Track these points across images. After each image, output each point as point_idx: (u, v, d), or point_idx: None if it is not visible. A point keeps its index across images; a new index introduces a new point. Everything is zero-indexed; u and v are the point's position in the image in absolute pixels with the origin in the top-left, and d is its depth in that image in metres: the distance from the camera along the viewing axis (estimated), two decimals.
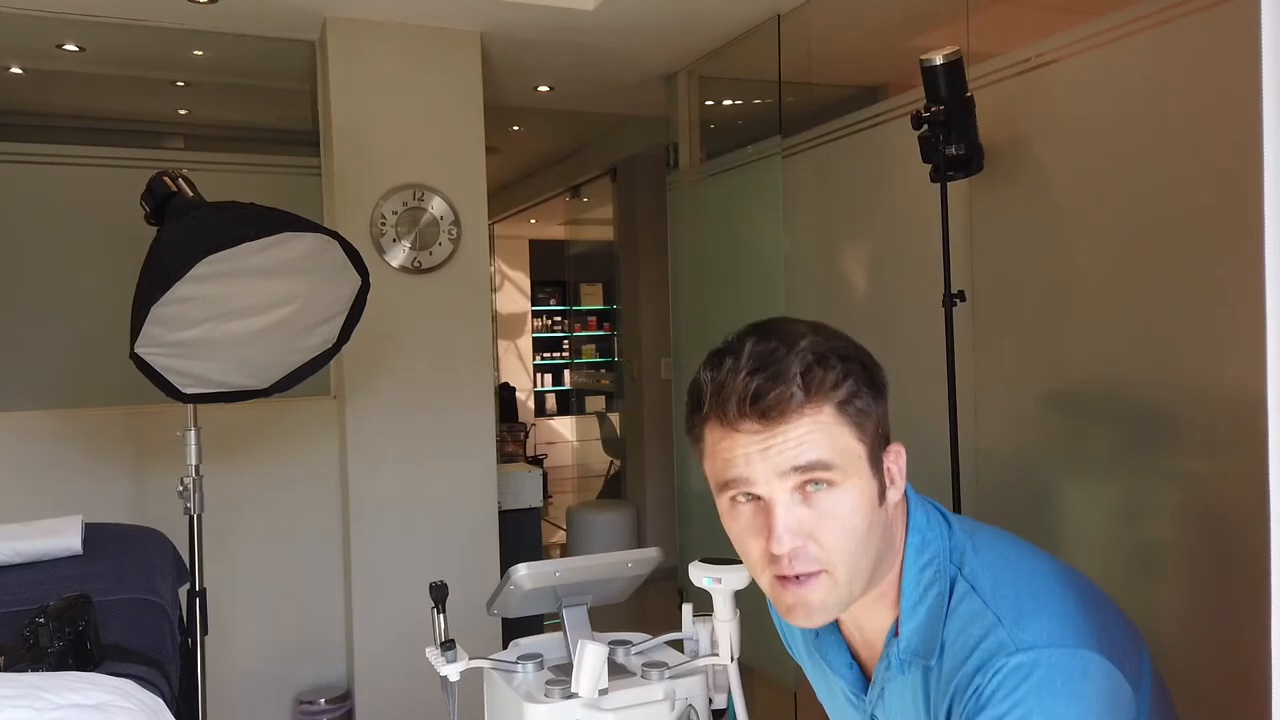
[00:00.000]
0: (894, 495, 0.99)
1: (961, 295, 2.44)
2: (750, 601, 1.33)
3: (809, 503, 0.93)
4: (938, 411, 2.47)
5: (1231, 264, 1.99)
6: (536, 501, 4.24)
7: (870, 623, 1.05)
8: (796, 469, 0.92)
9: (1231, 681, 1.96)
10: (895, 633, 1.02)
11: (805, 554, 0.93)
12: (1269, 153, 0.48)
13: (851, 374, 0.94)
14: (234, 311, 2.20)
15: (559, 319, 9.82)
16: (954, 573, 0.97)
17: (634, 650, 1.51)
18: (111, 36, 3.50)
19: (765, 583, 0.99)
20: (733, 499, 0.98)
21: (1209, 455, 2.08)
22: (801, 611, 0.96)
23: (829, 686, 1.22)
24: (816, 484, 0.92)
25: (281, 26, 3.47)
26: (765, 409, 0.91)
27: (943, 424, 2.43)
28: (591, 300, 9.49)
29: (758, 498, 0.95)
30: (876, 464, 0.96)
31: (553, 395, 9.80)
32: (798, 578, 0.94)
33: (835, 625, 1.13)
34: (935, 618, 0.97)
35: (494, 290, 8.59)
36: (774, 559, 0.94)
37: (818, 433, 0.92)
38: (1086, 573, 1.06)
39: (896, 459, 0.98)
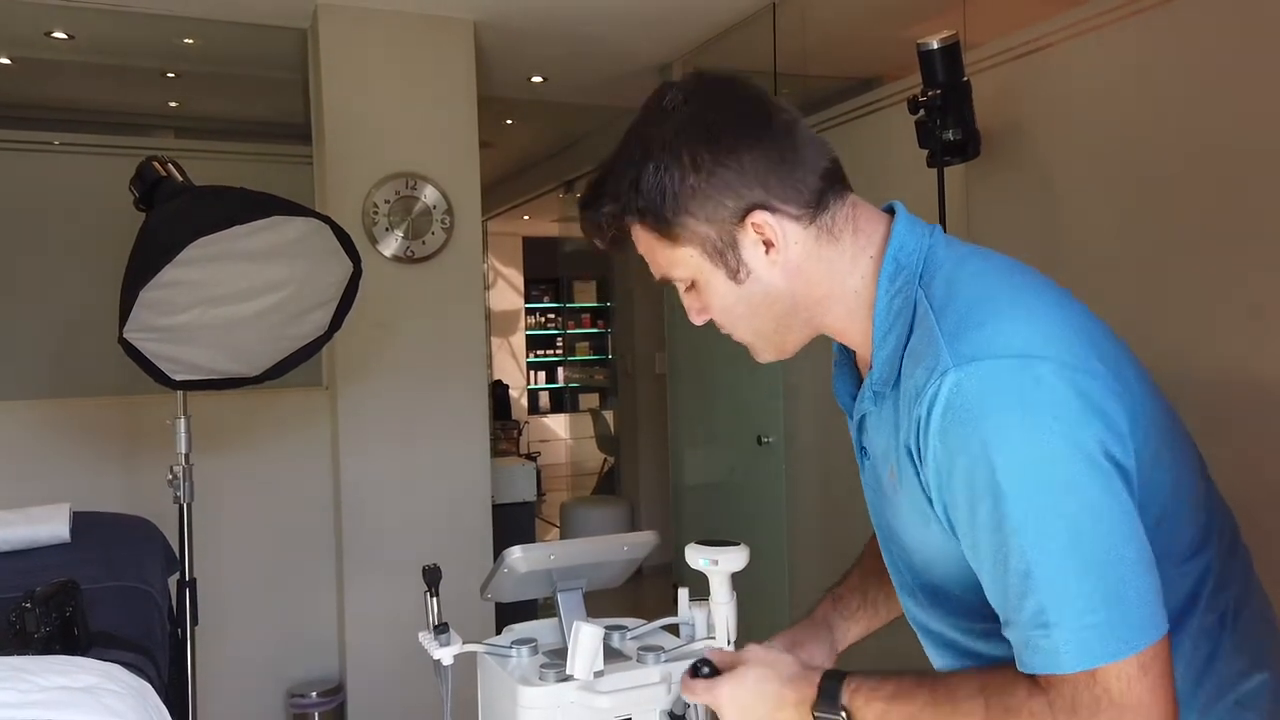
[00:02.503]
0: (775, 255, 0.94)
1: None
2: (747, 585, 1.32)
3: (694, 291, 1.02)
4: None
5: (1231, 247, 1.98)
6: (530, 495, 4.22)
7: (854, 340, 1.03)
8: (658, 280, 1.03)
9: None
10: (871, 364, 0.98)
11: (720, 325, 1.04)
12: None
13: (624, 208, 0.96)
14: (224, 296, 2.18)
15: (552, 316, 9.80)
16: (918, 294, 0.91)
17: (630, 635, 1.49)
18: (100, 24, 3.46)
19: None
20: None
21: (1209, 441, 2.07)
22: (755, 358, 1.06)
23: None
24: (685, 285, 1.01)
25: (272, 14, 3.44)
26: (607, 251, 1.04)
27: None
28: (585, 297, 9.46)
29: None
30: (719, 253, 0.95)
31: (546, 393, 9.78)
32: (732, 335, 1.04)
33: (849, 356, 1.11)
34: (899, 345, 0.92)
35: (487, 287, 8.56)
36: None
37: (649, 251, 1.00)
38: None
39: (764, 224, 0.93)
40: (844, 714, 0.94)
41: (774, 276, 0.96)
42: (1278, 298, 1.86)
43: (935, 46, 2.31)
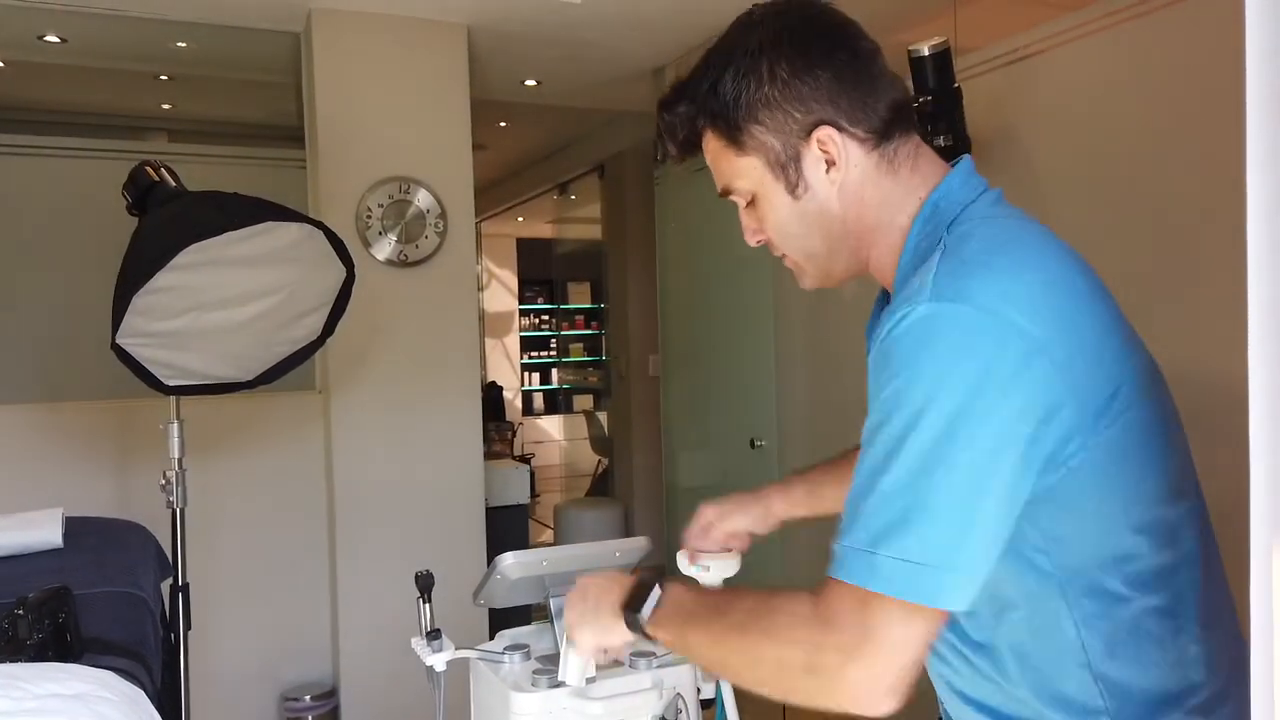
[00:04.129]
0: (835, 175, 0.97)
1: None
2: None
3: (752, 209, 1.04)
4: None
5: (1221, 254, 1.99)
6: (524, 498, 4.22)
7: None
8: (720, 192, 1.05)
9: None
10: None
11: (772, 245, 1.06)
12: (1251, 147, 0.47)
13: (698, 111, 1.00)
14: (217, 302, 2.18)
15: (546, 318, 9.79)
16: (943, 237, 0.92)
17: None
18: (94, 27, 3.46)
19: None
20: None
21: (1199, 447, 2.08)
22: (797, 280, 1.09)
23: None
24: (745, 201, 1.03)
25: (265, 18, 3.44)
26: (678, 158, 1.07)
27: None
28: (579, 299, 9.46)
29: None
30: (781, 166, 0.98)
31: (540, 394, 9.78)
32: (783, 257, 1.07)
33: (886, 298, 1.12)
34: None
35: (481, 289, 8.56)
36: None
37: (716, 160, 1.03)
38: None
39: (829, 140, 0.96)
40: (649, 606, 1.02)
41: (830, 196, 0.98)
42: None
43: (926, 53, 2.32)
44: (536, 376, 9.76)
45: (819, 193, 0.98)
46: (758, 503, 1.39)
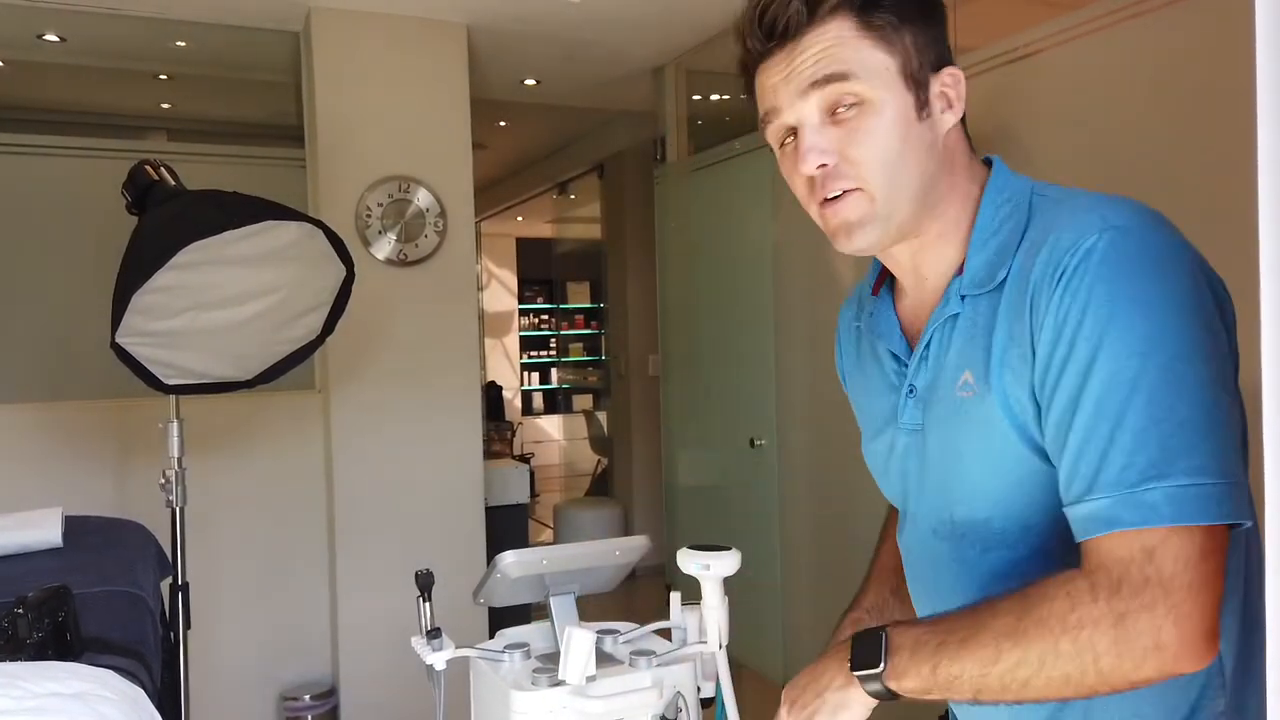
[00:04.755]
0: (949, 118, 0.94)
1: None
2: (739, 588, 1.33)
3: (838, 123, 0.91)
4: None
5: (1218, 253, 1.99)
6: (523, 497, 4.22)
7: (934, 266, 1.00)
8: (815, 84, 0.90)
9: None
10: (960, 271, 0.96)
11: (837, 172, 0.92)
12: (1263, 146, 0.47)
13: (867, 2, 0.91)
14: (216, 301, 2.18)
15: (546, 317, 9.79)
16: (1033, 198, 0.93)
17: (622, 639, 1.50)
18: (93, 26, 3.46)
19: (814, 214, 0.98)
20: (781, 144, 0.97)
21: None
22: (843, 233, 0.95)
23: (867, 385, 1.16)
24: (846, 106, 0.91)
25: (265, 17, 3.44)
26: (772, 28, 0.91)
27: None
28: (579, 298, 9.47)
29: (794, 131, 0.94)
30: (914, 80, 0.91)
31: (540, 394, 9.78)
32: (836, 199, 0.93)
33: (889, 299, 1.10)
34: (1008, 247, 0.92)
35: (481, 289, 8.56)
36: (812, 185, 0.94)
37: (836, 47, 0.90)
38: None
39: (955, 83, 0.93)
40: (883, 660, 0.89)
41: (939, 135, 0.93)
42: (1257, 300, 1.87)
43: None
44: (536, 376, 9.76)
45: (936, 125, 0.93)
46: None
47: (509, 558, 1.36)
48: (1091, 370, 0.80)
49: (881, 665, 0.88)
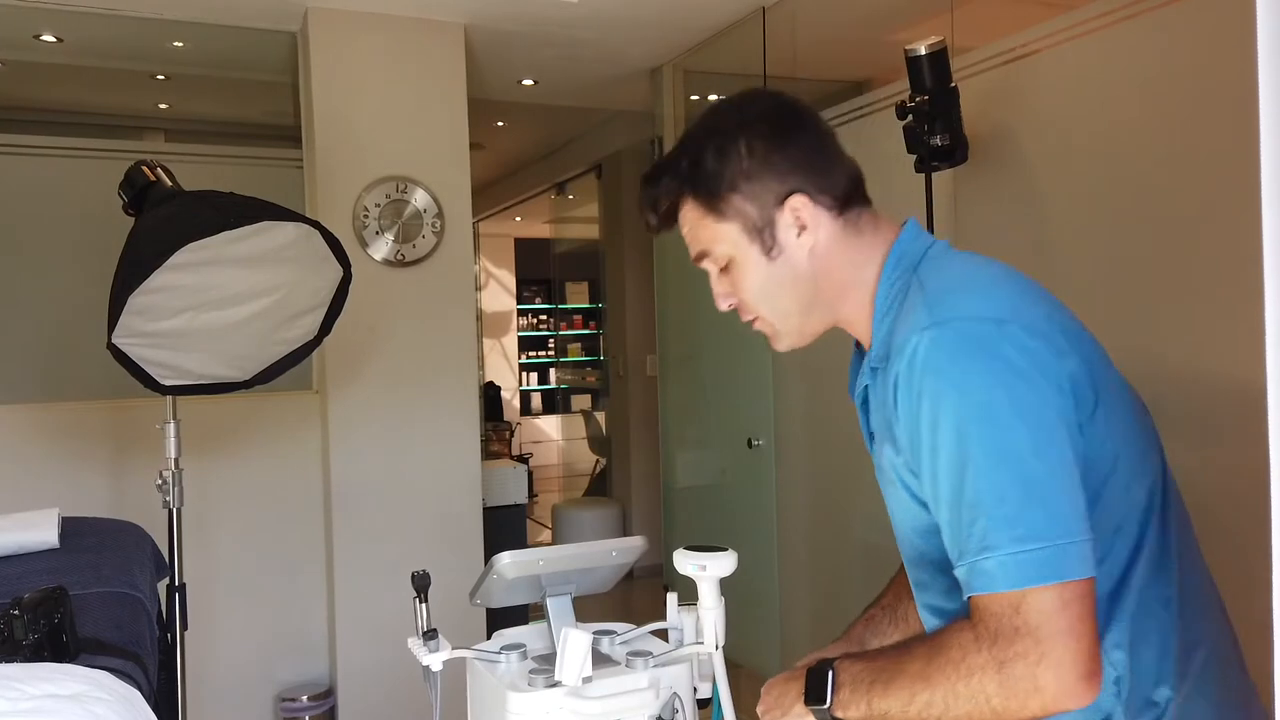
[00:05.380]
0: (806, 239, 1.07)
1: None
2: (736, 589, 1.32)
3: (726, 273, 1.13)
4: None
5: (1215, 252, 1.99)
6: (521, 498, 4.21)
7: (864, 337, 1.13)
8: (695, 258, 1.14)
9: None
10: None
11: (741, 307, 1.14)
12: (1265, 146, 0.47)
13: (681, 184, 1.10)
14: (213, 302, 2.18)
15: (544, 317, 9.79)
16: (912, 278, 1.03)
17: (618, 640, 1.50)
18: (90, 26, 3.46)
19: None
20: None
21: (1194, 444, 2.08)
22: (770, 343, 1.16)
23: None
24: (722, 266, 1.11)
25: (262, 17, 3.44)
26: (656, 229, 1.16)
27: None
28: (577, 299, 9.46)
29: None
30: (757, 231, 1.07)
31: (538, 394, 9.77)
32: (752, 322, 1.15)
33: (860, 351, 1.19)
34: (895, 324, 1.03)
35: (479, 289, 8.56)
36: None
37: (693, 229, 1.12)
38: None
39: (801, 207, 1.06)
40: (829, 692, 1.04)
41: (802, 257, 1.08)
42: (1255, 298, 1.88)
43: (923, 52, 2.32)
44: (534, 376, 9.76)
45: (792, 255, 1.08)
46: (856, 647, 1.40)
47: (505, 558, 1.36)
48: (936, 456, 0.92)
49: (828, 701, 1.03)
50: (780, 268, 1.08)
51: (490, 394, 8.52)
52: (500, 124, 5.48)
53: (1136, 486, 1.00)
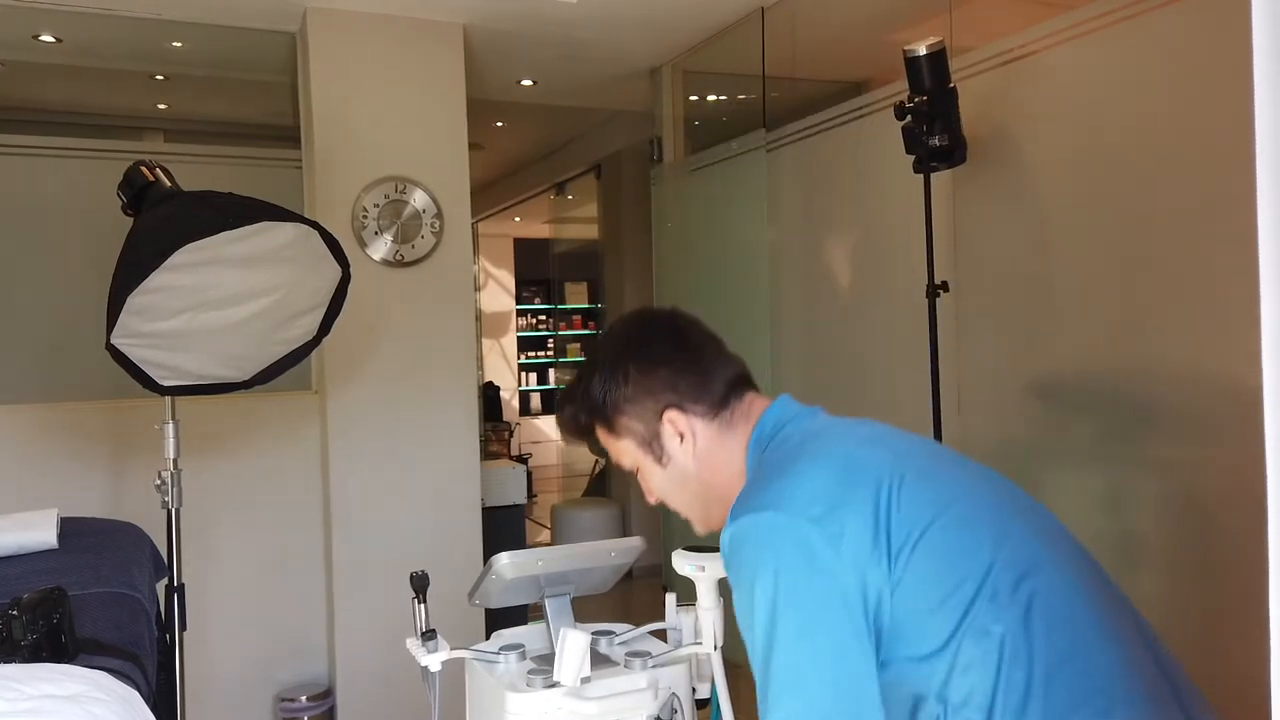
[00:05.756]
0: (688, 444, 1.21)
1: (945, 286, 2.44)
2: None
3: (641, 476, 1.28)
4: (921, 402, 2.47)
5: (1214, 253, 1.99)
6: (520, 498, 4.21)
7: None
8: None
9: (1218, 669, 1.96)
10: None
11: (665, 503, 1.28)
12: (1261, 146, 0.47)
13: (580, 410, 1.27)
14: (212, 302, 2.17)
15: (544, 318, 9.78)
16: (760, 459, 1.17)
17: (617, 640, 1.50)
18: (89, 27, 3.45)
19: None
20: None
21: (1193, 445, 2.08)
22: (694, 529, 1.29)
23: None
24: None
25: (261, 17, 3.44)
26: (584, 443, 1.33)
27: (926, 414, 2.43)
28: (576, 299, 9.45)
29: None
30: (646, 443, 1.23)
31: (537, 394, 9.77)
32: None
33: None
34: None
35: (478, 289, 8.55)
36: None
37: (605, 442, 1.28)
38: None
39: (675, 419, 1.20)
40: None
41: (688, 461, 1.22)
42: (1254, 298, 1.88)
43: (922, 53, 2.32)
44: (534, 376, 9.75)
45: (679, 460, 1.22)
46: None
47: (504, 559, 1.36)
48: (747, 631, 1.03)
49: None
50: (673, 471, 1.23)
51: (489, 394, 8.52)
52: (499, 124, 5.48)
53: (991, 606, 0.97)
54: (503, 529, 3.94)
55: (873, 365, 3.02)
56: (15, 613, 1.50)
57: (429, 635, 1.35)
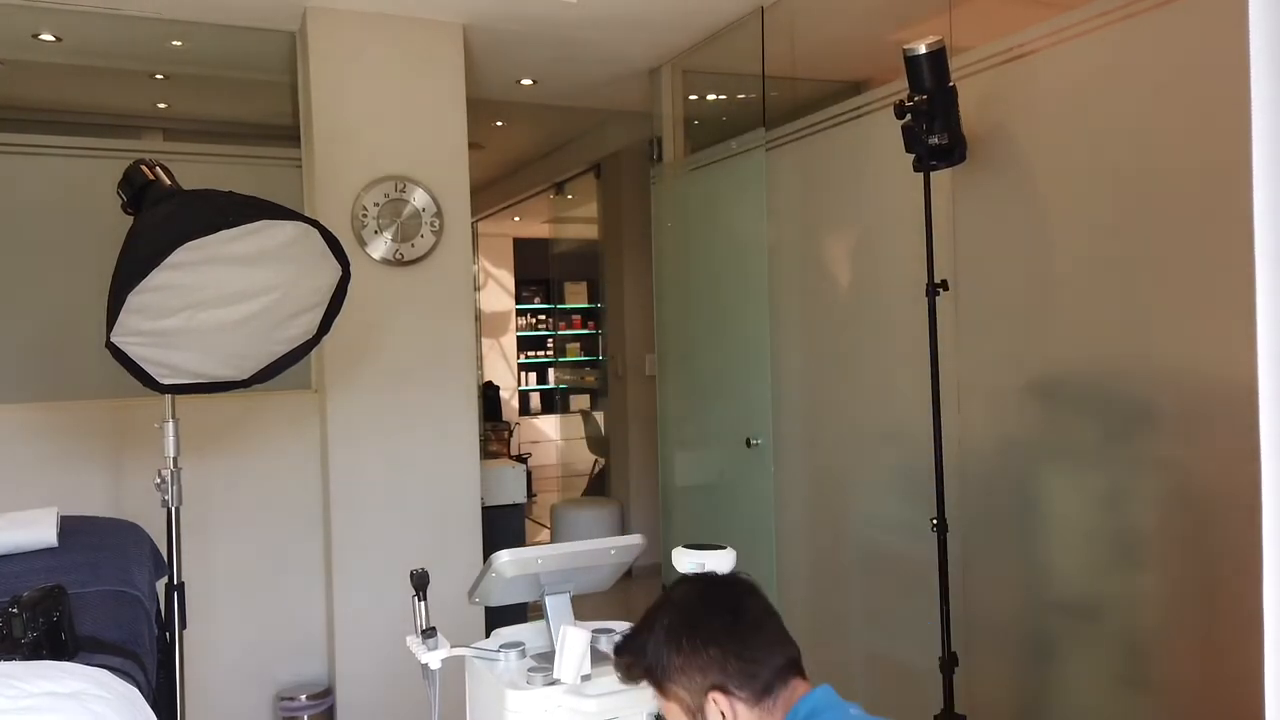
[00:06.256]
0: None
1: (944, 285, 2.44)
2: None
3: None
4: (920, 401, 2.47)
5: (1212, 252, 2.00)
6: (520, 497, 4.21)
7: None
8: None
9: (1214, 667, 1.96)
10: None
11: None
12: (1258, 146, 0.47)
13: (636, 665, 1.34)
14: (212, 300, 2.17)
15: (543, 317, 9.78)
16: None
17: (617, 638, 1.50)
18: (89, 26, 3.45)
19: None
20: None
21: (1191, 443, 2.09)
22: None
23: None
24: None
25: (261, 17, 3.44)
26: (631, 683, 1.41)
27: (925, 413, 2.43)
28: (576, 298, 9.45)
29: None
30: (693, 711, 1.30)
31: (537, 394, 9.77)
32: None
33: None
34: None
35: (478, 289, 8.55)
36: None
37: (656, 696, 1.34)
38: (1070, 561, 1.05)
39: (718, 701, 1.27)
40: None
41: None
42: (1251, 297, 1.88)
43: (922, 52, 2.32)
44: (533, 376, 9.75)
45: None
46: None
47: (504, 557, 1.36)
48: None
49: None
50: None
51: (489, 394, 8.52)
52: (499, 124, 5.48)
53: None
54: (502, 528, 3.94)
55: (872, 364, 3.02)
56: (16, 610, 1.50)
57: (429, 633, 1.36)
